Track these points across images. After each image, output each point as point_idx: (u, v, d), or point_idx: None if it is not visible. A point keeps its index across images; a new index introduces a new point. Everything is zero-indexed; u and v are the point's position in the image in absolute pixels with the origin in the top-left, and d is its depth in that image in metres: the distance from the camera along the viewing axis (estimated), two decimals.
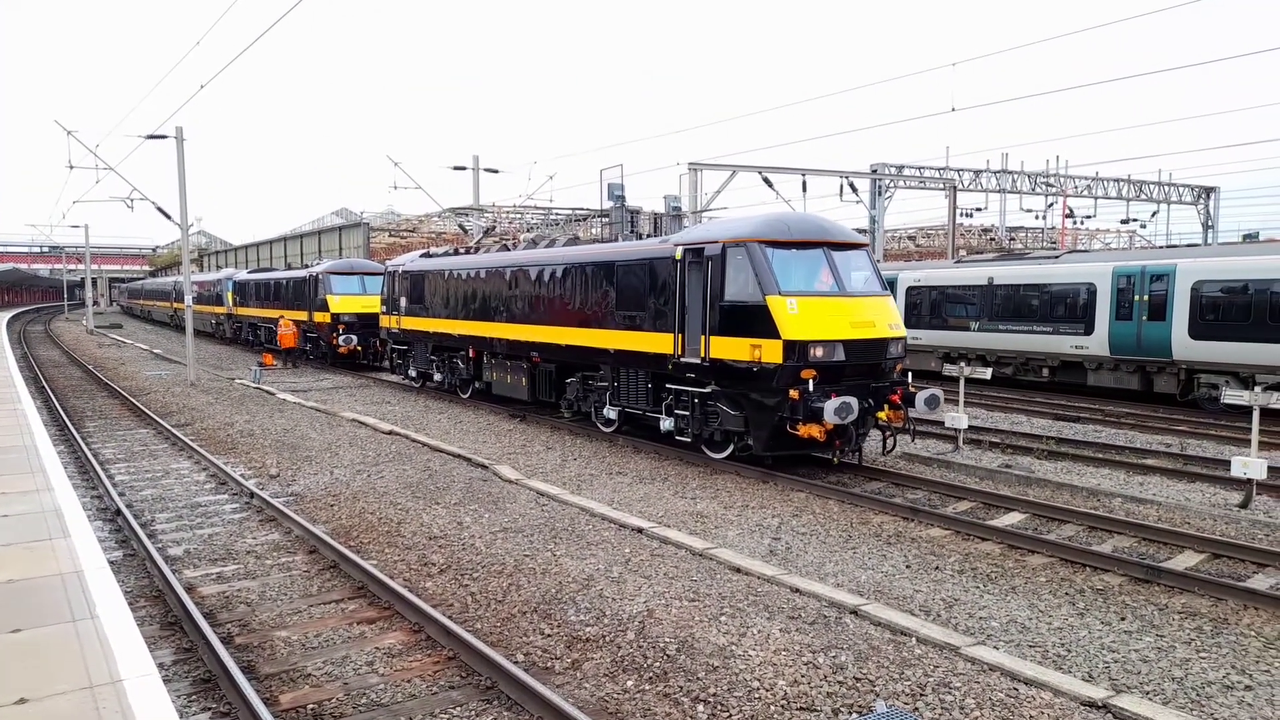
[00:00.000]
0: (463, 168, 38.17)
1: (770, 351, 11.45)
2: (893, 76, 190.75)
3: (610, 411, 15.06)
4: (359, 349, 27.88)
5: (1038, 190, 39.18)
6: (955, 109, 24.48)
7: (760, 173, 29.90)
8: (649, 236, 16.65)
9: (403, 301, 22.49)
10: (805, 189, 30.18)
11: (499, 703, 5.73)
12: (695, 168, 28.93)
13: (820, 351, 11.42)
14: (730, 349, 12.01)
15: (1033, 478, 12.06)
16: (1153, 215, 42.51)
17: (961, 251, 40.20)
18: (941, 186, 35.99)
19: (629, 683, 5.96)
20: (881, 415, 11.98)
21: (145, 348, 38.26)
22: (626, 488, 11.74)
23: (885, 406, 12.05)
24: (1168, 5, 18.35)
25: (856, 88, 55.50)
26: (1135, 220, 43.36)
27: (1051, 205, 42.89)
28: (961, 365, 15.48)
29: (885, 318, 12.17)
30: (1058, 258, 22.53)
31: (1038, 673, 5.94)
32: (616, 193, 22.50)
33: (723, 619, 6.91)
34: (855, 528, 9.92)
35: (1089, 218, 43.02)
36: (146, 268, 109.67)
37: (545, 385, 17.04)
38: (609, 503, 10.80)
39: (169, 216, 25.94)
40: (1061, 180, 39.41)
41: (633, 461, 13.50)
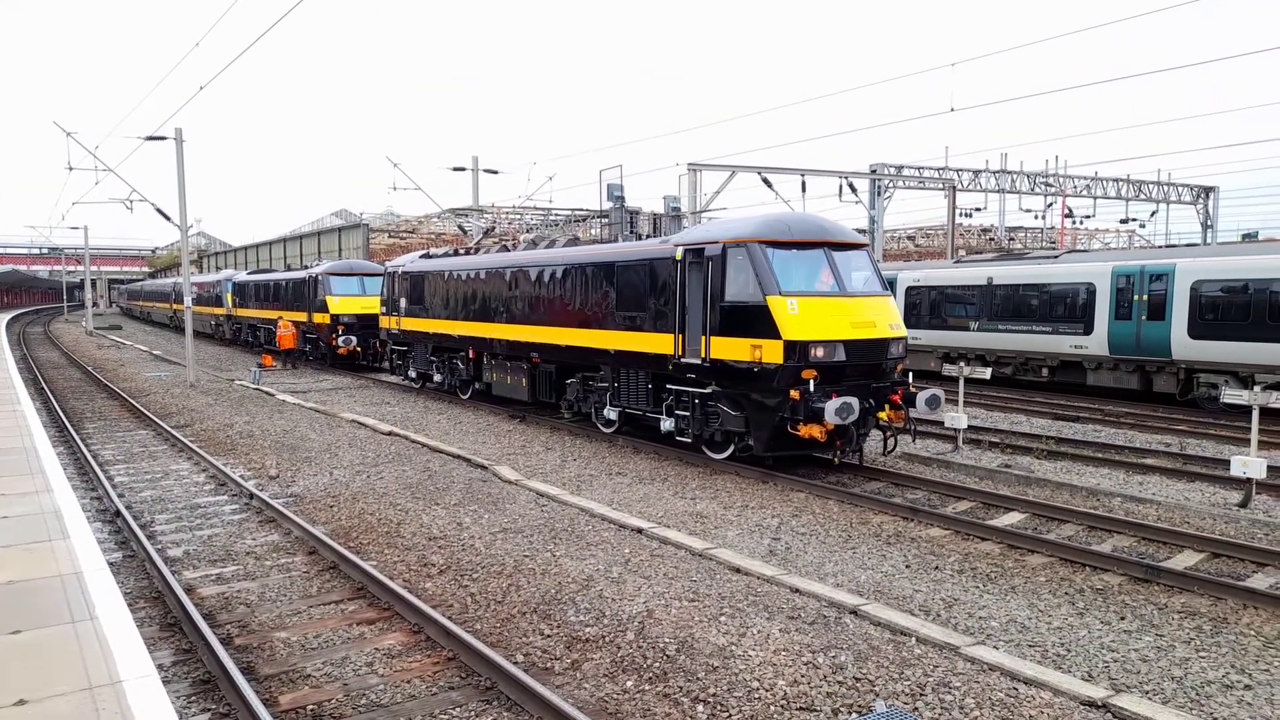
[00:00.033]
0: (462, 168, 38.18)
1: (771, 352, 11.45)
2: (892, 77, 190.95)
3: (610, 412, 15.05)
4: (358, 350, 27.87)
5: (1037, 190, 39.18)
6: (954, 109, 24.47)
7: (760, 173, 29.91)
8: (648, 237, 16.61)
9: (402, 302, 22.48)
10: (805, 189, 30.20)
11: (499, 703, 5.73)
12: (695, 168, 28.93)
13: (821, 352, 11.41)
14: (731, 349, 12.01)
15: (1032, 477, 12.06)
16: (1152, 215, 42.51)
17: (961, 251, 40.20)
18: (941, 187, 36.00)
19: (629, 683, 5.96)
20: (882, 415, 11.98)
21: (145, 349, 38.26)
22: (626, 488, 11.74)
23: (886, 407, 12.05)
24: (1168, 5, 18.35)
25: (856, 88, 55.59)
26: (1134, 220, 43.34)
27: (1051, 205, 42.91)
28: (961, 365, 15.48)
29: (886, 318, 12.17)
30: (1057, 257, 22.54)
31: (1037, 672, 5.94)
32: (616, 193, 22.49)
33: (722, 619, 6.91)
34: (855, 528, 9.92)
35: (1088, 217, 43.02)
36: (146, 269, 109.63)
37: (545, 386, 17.03)
38: (609, 503, 10.80)
39: (168, 218, 25.97)
40: (1061, 180, 39.40)
41: (632, 462, 13.50)
